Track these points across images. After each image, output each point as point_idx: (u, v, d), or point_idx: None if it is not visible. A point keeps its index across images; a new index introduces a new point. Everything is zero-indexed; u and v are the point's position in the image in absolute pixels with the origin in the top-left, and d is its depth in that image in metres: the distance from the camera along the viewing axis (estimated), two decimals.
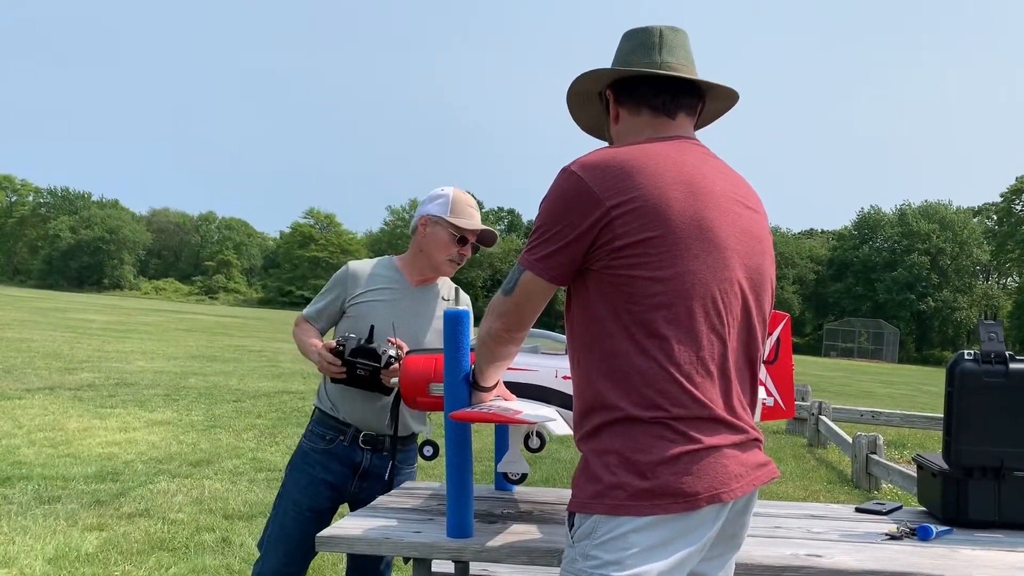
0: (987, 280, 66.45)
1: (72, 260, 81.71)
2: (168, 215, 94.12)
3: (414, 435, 2.92)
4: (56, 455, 6.95)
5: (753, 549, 1.97)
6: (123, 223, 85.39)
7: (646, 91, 1.79)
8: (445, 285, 2.96)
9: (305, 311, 2.92)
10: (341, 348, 2.63)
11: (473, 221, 2.83)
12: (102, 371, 12.87)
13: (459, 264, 2.87)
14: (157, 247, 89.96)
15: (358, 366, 2.62)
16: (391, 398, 2.69)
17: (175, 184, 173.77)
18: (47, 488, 5.86)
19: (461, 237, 2.81)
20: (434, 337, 2.83)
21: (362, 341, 2.63)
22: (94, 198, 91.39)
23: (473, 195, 2.94)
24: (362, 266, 2.91)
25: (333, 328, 2.90)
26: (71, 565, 4.30)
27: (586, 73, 1.84)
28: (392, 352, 2.62)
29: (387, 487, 2.74)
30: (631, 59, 1.81)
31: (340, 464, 2.80)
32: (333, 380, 2.72)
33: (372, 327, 2.66)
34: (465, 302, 2.85)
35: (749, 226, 1.72)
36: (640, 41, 1.82)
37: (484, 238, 2.87)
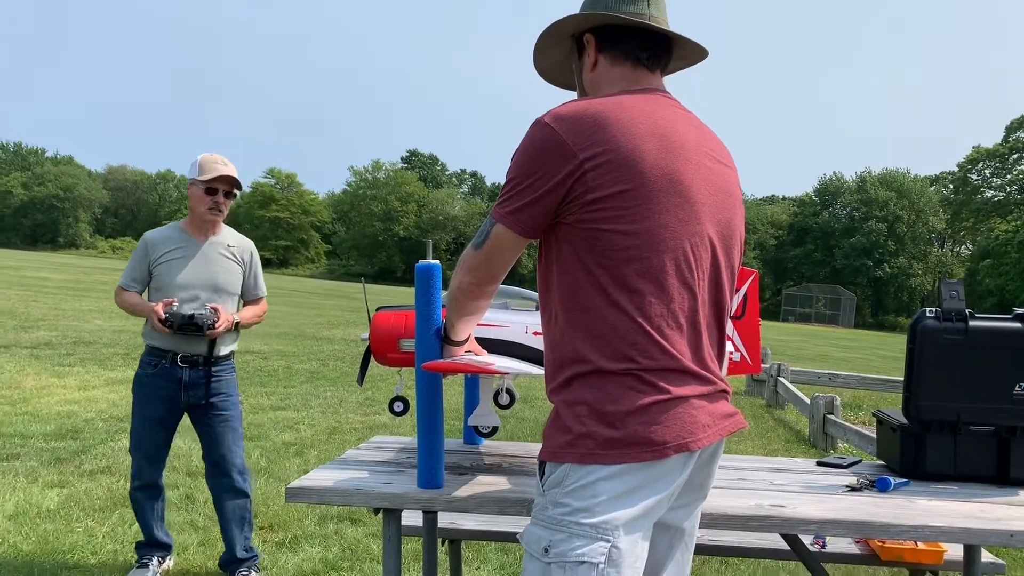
0: (942, 248, 67.67)
1: (25, 218, 79.74)
2: (125, 173, 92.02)
3: (230, 354, 3.69)
4: (13, 412, 6.86)
5: (718, 500, 2.02)
6: (78, 180, 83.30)
7: (634, 43, 1.76)
8: (232, 236, 3.72)
9: (121, 281, 3.60)
10: (170, 323, 3.41)
11: (216, 173, 3.50)
12: (59, 330, 12.67)
13: (220, 212, 3.59)
14: (114, 205, 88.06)
15: (186, 332, 3.45)
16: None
17: (132, 141, 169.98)
18: (5, 446, 5.79)
19: (209, 188, 3.53)
20: (226, 278, 3.60)
21: (186, 317, 3.41)
22: (48, 154, 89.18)
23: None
24: (156, 234, 3.63)
25: (147, 288, 3.62)
26: (32, 521, 4.27)
27: (576, 14, 1.78)
28: (211, 320, 3.44)
29: (206, 392, 3.56)
30: (618, 8, 1.75)
31: (166, 381, 3.55)
32: None
33: (192, 314, 3.43)
34: (250, 248, 3.77)
35: (720, 180, 1.72)
36: None
37: (229, 181, 3.56)
